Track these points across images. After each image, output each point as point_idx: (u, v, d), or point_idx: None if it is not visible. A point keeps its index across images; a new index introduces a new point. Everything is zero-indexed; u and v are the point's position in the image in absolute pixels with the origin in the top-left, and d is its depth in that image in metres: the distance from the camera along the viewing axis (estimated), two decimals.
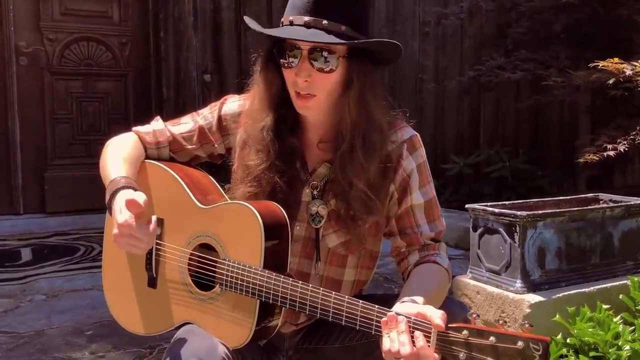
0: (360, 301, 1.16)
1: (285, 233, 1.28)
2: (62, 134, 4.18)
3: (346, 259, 1.41)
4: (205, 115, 1.47)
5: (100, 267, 1.46)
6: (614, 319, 2.04)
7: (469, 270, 2.41)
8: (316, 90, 1.28)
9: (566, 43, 4.42)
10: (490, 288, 2.26)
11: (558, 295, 2.17)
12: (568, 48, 4.34)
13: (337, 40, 1.24)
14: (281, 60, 1.29)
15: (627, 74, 3.06)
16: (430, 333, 1.07)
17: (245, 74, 1.46)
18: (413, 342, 1.07)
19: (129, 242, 1.22)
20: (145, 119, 1.53)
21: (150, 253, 1.35)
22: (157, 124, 1.49)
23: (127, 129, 1.49)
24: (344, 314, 1.17)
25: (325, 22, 1.25)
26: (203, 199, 1.34)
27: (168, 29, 4.26)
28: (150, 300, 1.35)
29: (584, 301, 2.13)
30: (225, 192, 1.41)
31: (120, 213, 1.21)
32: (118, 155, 1.38)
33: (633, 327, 2.01)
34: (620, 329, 1.97)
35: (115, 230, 1.22)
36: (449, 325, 1.06)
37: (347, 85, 1.30)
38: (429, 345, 1.06)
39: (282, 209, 1.30)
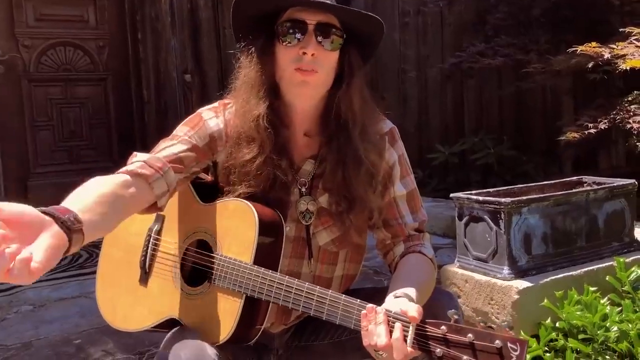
0: (343, 295, 1.17)
1: (280, 235, 1.29)
2: (43, 141, 4.12)
3: (337, 256, 1.41)
4: (193, 135, 1.35)
5: (87, 274, 1.46)
6: (602, 301, 2.06)
7: (456, 259, 2.42)
8: (319, 67, 1.28)
9: (545, 27, 4.44)
10: (478, 276, 2.26)
11: (545, 279, 2.18)
12: (547, 32, 4.36)
13: (348, 7, 1.28)
14: (284, 37, 1.28)
15: (605, 57, 3.08)
16: (408, 326, 1.07)
17: (225, 72, 1.44)
18: (391, 335, 1.07)
19: None
20: (127, 123, 1.50)
21: (146, 249, 1.36)
22: (141, 155, 1.27)
23: (109, 133, 1.46)
24: (326, 307, 1.17)
25: (329, 1, 1.28)
26: (207, 197, 1.35)
27: (145, 30, 4.22)
28: (140, 296, 1.36)
29: (571, 284, 2.15)
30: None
31: None
32: (89, 190, 1.11)
33: (620, 308, 2.02)
34: (607, 311, 1.99)
35: None
36: (428, 321, 1.07)
37: (348, 70, 1.32)
38: (405, 338, 1.07)
39: (279, 213, 1.30)
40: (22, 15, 4.01)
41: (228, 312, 1.23)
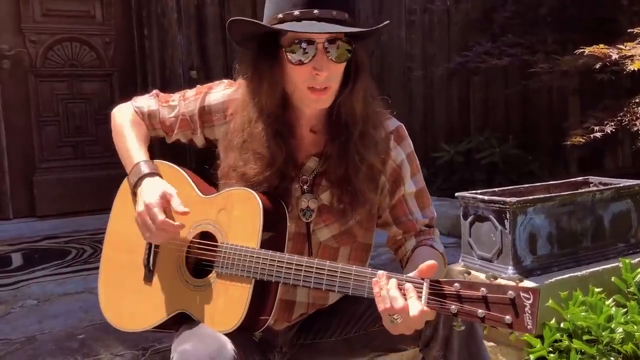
0: (354, 266, 1.18)
1: (284, 221, 1.30)
2: (49, 136, 4.13)
3: (338, 251, 1.41)
4: (189, 102, 1.47)
5: (92, 269, 1.47)
6: (607, 302, 2.04)
7: (460, 259, 2.41)
8: (332, 82, 1.28)
9: (552, 26, 4.42)
10: (482, 276, 2.25)
11: (550, 280, 2.17)
12: (554, 31, 4.34)
13: (354, 29, 1.25)
14: (293, 57, 1.25)
15: (613, 57, 3.06)
16: (421, 287, 1.07)
17: (231, 69, 1.44)
18: (404, 297, 1.08)
19: (144, 222, 1.30)
20: None
21: (149, 247, 1.37)
22: (153, 102, 1.53)
23: None
24: (337, 280, 1.18)
25: (334, 12, 1.24)
26: (205, 190, 1.38)
27: (152, 26, 4.22)
28: (145, 294, 1.36)
29: (576, 285, 2.14)
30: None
31: (148, 196, 1.30)
32: (133, 133, 1.48)
33: (625, 309, 2.01)
34: (612, 312, 1.98)
35: (142, 209, 1.30)
36: (441, 280, 1.07)
37: (355, 71, 1.32)
38: (419, 297, 1.07)
39: (280, 199, 1.32)
40: (29, 10, 4.02)
41: (238, 299, 1.23)
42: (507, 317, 0.99)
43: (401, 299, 1.07)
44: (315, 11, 1.22)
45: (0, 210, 3.99)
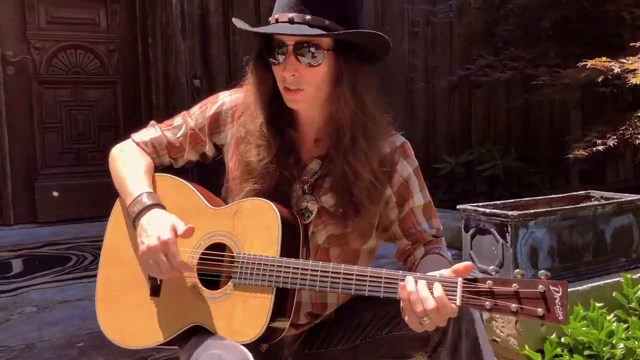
0: (384, 270, 1.19)
1: (298, 230, 1.30)
2: (51, 143, 4.13)
3: (328, 252, 1.41)
4: (196, 116, 1.48)
5: (92, 276, 1.45)
6: (608, 317, 2.04)
7: None
8: (303, 85, 1.29)
9: (555, 40, 4.43)
10: None
11: None
12: (557, 44, 4.35)
13: (318, 32, 1.25)
14: (269, 57, 1.31)
15: (615, 71, 3.07)
16: (455, 285, 1.10)
17: (234, 77, 1.46)
18: (434, 297, 1.10)
19: (159, 259, 1.24)
20: (135, 127, 1.55)
21: None
22: (153, 130, 1.50)
23: (117, 136, 1.51)
24: (367, 284, 1.19)
25: (308, 17, 1.26)
26: (212, 202, 1.37)
27: (156, 35, 4.23)
28: (153, 310, 1.33)
29: (577, 299, 2.13)
30: (220, 195, 1.44)
31: (161, 231, 1.24)
32: (134, 166, 1.42)
33: (627, 325, 2.01)
34: (614, 327, 1.97)
35: (155, 243, 1.24)
36: (475, 277, 1.10)
37: (337, 79, 1.31)
38: (451, 296, 1.09)
39: (293, 212, 1.33)
40: (34, 17, 4.03)
41: (259, 308, 1.23)
42: (539, 309, 1.04)
43: (432, 299, 1.10)
44: (290, 15, 1.26)
45: (2, 216, 3.98)
